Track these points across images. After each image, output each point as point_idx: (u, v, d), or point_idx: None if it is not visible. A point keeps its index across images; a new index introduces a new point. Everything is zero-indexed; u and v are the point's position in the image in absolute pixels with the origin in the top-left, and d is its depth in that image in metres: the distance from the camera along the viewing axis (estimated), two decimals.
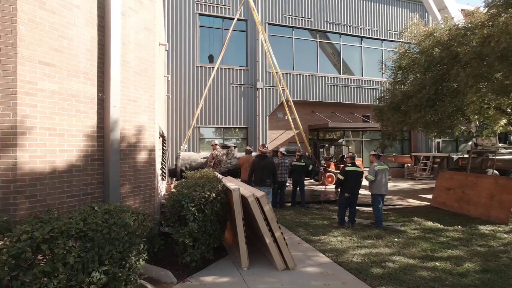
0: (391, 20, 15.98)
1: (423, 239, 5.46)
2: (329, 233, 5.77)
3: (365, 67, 15.60)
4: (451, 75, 6.33)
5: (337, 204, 8.49)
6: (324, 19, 14.59)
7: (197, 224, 3.88)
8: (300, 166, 8.53)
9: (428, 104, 7.05)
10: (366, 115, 15.42)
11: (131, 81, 4.46)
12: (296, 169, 8.52)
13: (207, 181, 4.46)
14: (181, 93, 12.46)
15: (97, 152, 3.91)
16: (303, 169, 8.58)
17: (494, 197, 7.07)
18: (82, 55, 3.75)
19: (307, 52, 14.55)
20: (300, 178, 8.54)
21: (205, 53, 13.15)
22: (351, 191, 6.24)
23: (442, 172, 9.11)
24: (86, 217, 2.66)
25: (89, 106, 3.80)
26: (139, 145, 4.57)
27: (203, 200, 3.99)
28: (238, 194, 4.06)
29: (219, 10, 13.00)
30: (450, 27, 7.52)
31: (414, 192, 11.45)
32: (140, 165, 4.58)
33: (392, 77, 9.43)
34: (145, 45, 4.74)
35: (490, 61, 5.22)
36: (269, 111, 13.59)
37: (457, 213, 7.58)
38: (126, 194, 4.31)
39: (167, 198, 4.22)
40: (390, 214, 7.61)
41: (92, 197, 3.83)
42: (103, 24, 4.00)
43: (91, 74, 3.86)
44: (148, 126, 4.76)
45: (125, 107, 4.31)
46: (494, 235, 5.75)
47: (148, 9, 4.83)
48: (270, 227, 4.05)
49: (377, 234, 5.72)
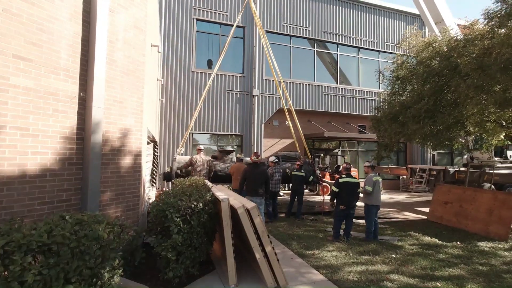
0: (388, 32, 16.05)
1: (421, 256, 5.20)
2: (324, 247, 5.48)
3: (362, 77, 15.56)
4: (451, 86, 6.19)
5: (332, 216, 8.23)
6: (322, 28, 14.57)
7: (182, 236, 3.58)
8: (300, 176, 8.17)
9: (427, 115, 6.90)
10: (362, 125, 15.31)
11: (118, 81, 4.21)
12: (296, 179, 8.16)
13: (195, 190, 4.18)
14: (175, 97, 12.22)
15: (76, 155, 3.61)
16: (303, 179, 8.22)
17: (493, 213, 6.87)
18: (64, 51, 3.49)
19: (304, 61, 14.47)
20: (300, 188, 8.17)
21: (201, 58, 12.98)
22: (346, 203, 5.99)
23: (439, 185, 8.92)
24: (52, 228, 2.36)
25: (69, 105, 3.53)
26: (123, 149, 4.28)
27: (189, 210, 3.69)
28: (227, 205, 3.78)
29: (217, 16, 12.90)
30: (449, 38, 7.44)
31: (410, 204, 11.23)
32: (124, 170, 4.29)
33: (389, 87, 9.31)
34: (135, 44, 4.50)
35: (492, 72, 5.09)
36: (265, 119, 13.38)
37: (455, 228, 7.35)
38: (107, 202, 4.01)
39: (150, 208, 3.91)
40: (387, 228, 7.36)
41: (68, 204, 3.52)
42: (89, 19, 3.76)
43: (73, 71, 3.60)
44: (135, 130, 4.48)
45: (109, 108, 4.04)
46: (495, 253, 5.51)
47: (139, 7, 4.61)
48: (260, 241, 3.76)
49: (374, 249, 5.45)
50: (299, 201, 8.13)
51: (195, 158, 8.22)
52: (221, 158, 9.10)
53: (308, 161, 9.67)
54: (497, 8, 6.34)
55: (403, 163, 16.28)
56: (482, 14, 6.74)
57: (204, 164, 8.20)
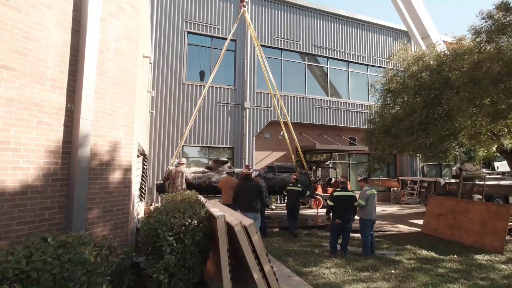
0: (376, 47, 16.45)
1: (421, 271, 5.08)
2: (321, 264, 5.30)
3: (351, 90, 15.79)
4: (444, 99, 6.28)
5: (326, 230, 8.07)
6: (312, 42, 14.81)
7: (175, 256, 3.35)
8: (296, 191, 7.64)
9: (420, 127, 6.95)
10: (353, 137, 15.41)
11: (108, 92, 4.02)
12: (292, 194, 7.68)
13: (188, 206, 3.97)
14: (165, 110, 12.02)
15: (61, 170, 3.37)
16: (299, 195, 7.70)
17: (487, 224, 6.87)
18: (51, 60, 3.31)
19: (295, 74, 14.60)
20: (296, 204, 7.68)
21: (192, 70, 12.91)
22: (342, 217, 5.86)
23: (432, 197, 8.93)
24: (32, 253, 2.12)
25: (54, 117, 3.31)
26: (113, 163, 4.05)
27: (183, 228, 3.48)
28: (223, 222, 3.58)
29: (208, 29, 12.93)
30: (437, 53, 7.61)
31: (402, 217, 11.20)
32: (113, 186, 4.05)
33: (381, 100, 9.41)
34: (127, 54, 4.35)
35: (484, 85, 5.18)
36: (256, 132, 13.29)
37: (450, 240, 7.31)
38: (94, 220, 3.74)
39: (140, 226, 3.67)
40: (382, 241, 7.24)
41: (51, 223, 3.25)
42: (79, 28, 3.61)
43: (60, 82, 3.40)
44: (125, 143, 4.27)
45: (98, 121, 3.84)
46: (492, 266, 5.45)
47: (132, 17, 4.50)
48: (258, 260, 3.56)
49: (373, 265, 5.30)
50: (294, 216, 7.75)
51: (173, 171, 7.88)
52: (216, 169, 8.85)
53: (304, 172, 9.54)
54: (482, 25, 6.56)
55: (394, 175, 16.40)
56: (468, 30, 6.97)
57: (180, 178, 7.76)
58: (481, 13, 6.64)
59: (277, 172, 9.33)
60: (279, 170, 9.46)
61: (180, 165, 8.04)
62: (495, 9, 6.34)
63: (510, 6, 6.13)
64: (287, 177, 9.21)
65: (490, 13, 6.40)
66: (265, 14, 13.95)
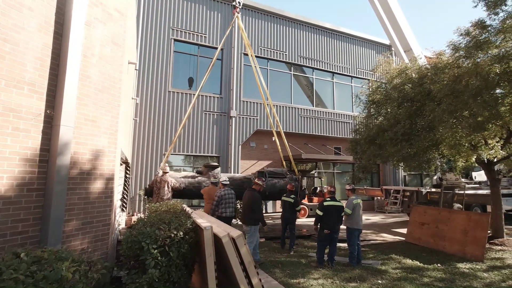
0: (360, 59, 16.92)
1: (407, 280, 5.10)
2: (309, 275, 5.23)
3: (336, 101, 16.08)
4: (426, 110, 6.47)
5: (312, 240, 8.03)
6: (298, 53, 15.05)
7: (159, 270, 3.20)
8: (288, 202, 7.12)
9: (404, 138, 7.12)
10: (337, 147, 15.61)
11: (91, 99, 3.88)
12: (284, 204, 7.20)
13: (173, 217, 3.82)
14: (150, 117, 11.77)
15: (38, 180, 3.18)
16: (292, 206, 7.10)
17: (468, 233, 7.04)
18: (30, 64, 3.15)
19: (281, 84, 14.72)
20: (291, 216, 7.09)
21: (178, 78, 12.77)
22: (331, 227, 5.84)
23: (416, 206, 9.10)
24: (2, 271, 1.95)
25: (32, 123, 3.14)
26: (94, 172, 3.88)
27: (168, 240, 3.34)
28: (210, 233, 3.46)
29: (195, 38, 12.90)
30: (419, 66, 7.90)
31: (386, 226, 11.34)
32: (94, 196, 3.86)
33: (365, 111, 9.61)
34: (112, 60, 4.23)
35: (464, 98, 5.39)
36: (242, 140, 13.23)
37: (433, 249, 7.43)
38: (72, 232, 3.54)
39: (123, 239, 3.50)
40: (368, 251, 7.27)
41: (24, 237, 3.04)
42: (61, 31, 3.47)
43: (40, 86, 3.24)
44: (108, 151, 4.11)
45: (80, 128, 3.68)
46: (474, 274, 5.56)
47: (118, 22, 4.39)
48: (246, 273, 3.46)
49: (360, 275, 5.28)
50: (291, 230, 7.06)
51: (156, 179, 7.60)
52: (207, 174, 8.65)
53: (295, 177, 9.51)
54: (461, 41, 6.88)
55: (377, 184, 16.67)
56: (447, 45, 7.28)
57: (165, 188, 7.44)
58: (459, 30, 6.97)
59: (268, 177, 9.25)
60: (270, 175, 9.38)
61: (164, 174, 7.80)
62: (472, 26, 6.68)
63: (485, 24, 6.47)
64: (277, 182, 9.13)
65: (468, 30, 6.73)
66: (252, 24, 14.09)
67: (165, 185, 7.53)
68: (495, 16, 6.38)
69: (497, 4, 6.06)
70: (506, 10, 6.22)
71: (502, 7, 6.15)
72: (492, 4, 6.14)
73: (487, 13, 6.44)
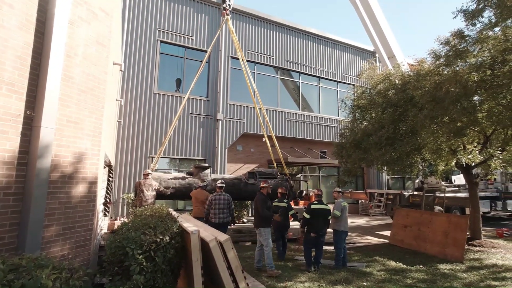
0: (345, 64, 17.26)
1: (391, 282, 5.20)
2: (295, 278, 5.24)
3: (322, 105, 16.32)
4: (409, 116, 6.67)
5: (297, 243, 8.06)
6: (285, 57, 15.19)
7: (144, 276, 3.11)
8: (281, 207, 6.59)
9: (388, 142, 7.31)
10: (323, 151, 15.81)
11: (74, 100, 3.76)
12: (277, 212, 6.48)
13: (159, 221, 3.75)
14: (134, 119, 11.55)
15: (15, 183, 3.04)
16: (285, 211, 6.60)
17: (448, 235, 7.26)
18: (9, 63, 3.03)
19: (268, 88, 14.80)
20: (285, 223, 6.59)
21: (164, 80, 12.61)
22: (318, 231, 5.88)
23: (398, 209, 9.32)
24: None
25: (10, 125, 3.01)
26: (76, 176, 3.75)
27: (153, 245, 3.26)
28: (197, 238, 3.42)
29: (182, 40, 12.80)
30: (403, 73, 8.15)
31: (370, 228, 11.54)
32: (75, 200, 3.73)
33: (350, 115, 9.80)
34: (96, 60, 4.13)
35: (445, 104, 5.60)
36: (229, 144, 13.18)
37: (416, 251, 7.62)
38: (52, 238, 3.40)
39: (106, 244, 3.39)
40: (353, 253, 7.37)
41: (0, 244, 2.89)
42: (43, 30, 3.36)
43: (19, 86, 3.12)
44: (91, 154, 3.99)
45: (62, 130, 3.56)
46: (455, 275, 5.73)
47: (104, 22, 4.30)
48: (234, 277, 3.42)
49: (345, 278, 5.34)
50: (283, 238, 6.73)
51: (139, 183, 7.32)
52: (197, 174, 8.50)
53: (286, 178, 9.52)
54: (441, 49, 7.16)
55: (362, 187, 16.98)
56: (428, 53, 7.56)
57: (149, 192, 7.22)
58: (440, 39, 7.25)
59: (258, 178, 9.21)
60: (260, 176, 9.35)
61: (145, 177, 7.46)
62: (452, 36, 6.97)
63: (464, 34, 6.77)
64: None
65: (448, 39, 7.01)
66: (240, 28, 14.13)
67: (149, 188, 7.34)
68: (472, 27, 6.69)
69: (474, 16, 6.36)
70: (483, 21, 6.54)
71: (479, 18, 6.46)
72: (470, 16, 6.44)
73: (466, 24, 6.76)
